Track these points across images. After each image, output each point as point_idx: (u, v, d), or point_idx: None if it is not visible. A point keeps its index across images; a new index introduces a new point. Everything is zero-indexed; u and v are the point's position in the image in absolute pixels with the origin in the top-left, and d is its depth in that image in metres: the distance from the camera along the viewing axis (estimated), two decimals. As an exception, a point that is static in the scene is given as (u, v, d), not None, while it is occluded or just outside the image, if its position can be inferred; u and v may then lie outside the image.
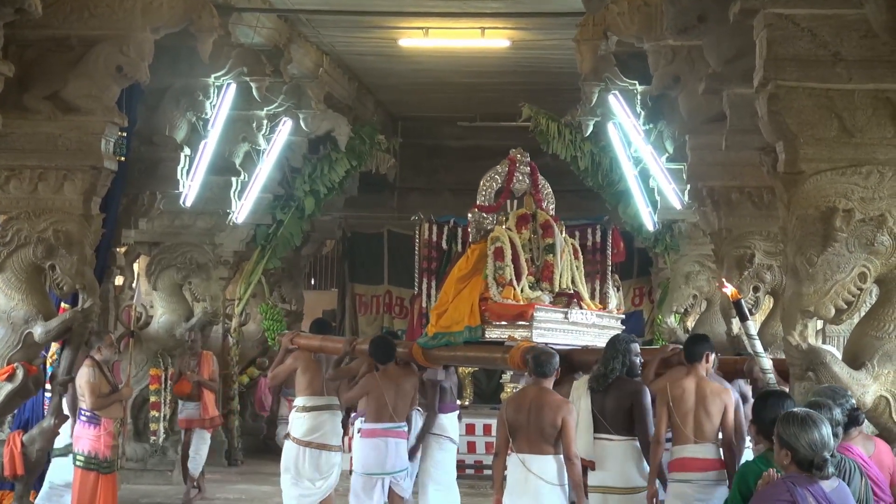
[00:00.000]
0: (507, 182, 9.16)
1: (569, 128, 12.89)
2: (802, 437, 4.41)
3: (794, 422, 4.45)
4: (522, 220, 8.90)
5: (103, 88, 8.67)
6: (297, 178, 13.49)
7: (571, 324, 8.48)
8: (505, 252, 8.54)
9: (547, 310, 8.39)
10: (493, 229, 8.85)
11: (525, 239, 8.79)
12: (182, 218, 12.11)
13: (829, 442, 4.43)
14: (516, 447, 7.19)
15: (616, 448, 7.28)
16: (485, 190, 9.24)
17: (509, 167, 9.22)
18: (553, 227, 8.84)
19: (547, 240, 8.79)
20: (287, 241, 13.67)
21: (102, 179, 8.76)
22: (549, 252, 8.76)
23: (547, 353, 7.37)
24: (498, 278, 8.47)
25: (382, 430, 8.72)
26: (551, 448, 7.12)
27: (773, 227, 9.19)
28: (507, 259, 8.53)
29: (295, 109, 12.58)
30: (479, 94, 15.40)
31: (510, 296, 8.41)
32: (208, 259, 12.33)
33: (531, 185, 9.21)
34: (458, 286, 8.67)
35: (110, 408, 9.00)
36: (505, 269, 8.49)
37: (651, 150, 11.46)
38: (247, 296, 13.82)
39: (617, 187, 12.97)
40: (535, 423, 7.11)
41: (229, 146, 11.86)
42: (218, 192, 11.96)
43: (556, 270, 8.70)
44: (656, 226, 12.57)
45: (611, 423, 7.28)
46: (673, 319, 12.52)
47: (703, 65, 8.86)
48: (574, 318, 8.50)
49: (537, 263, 8.79)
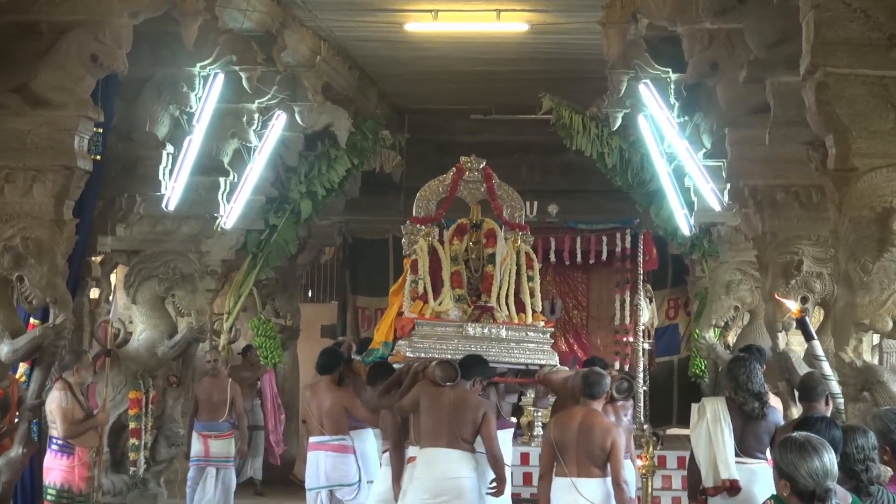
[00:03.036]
0: (450, 191, 9.69)
1: (594, 121, 12.89)
2: (802, 465, 4.32)
3: (792, 448, 4.36)
4: (459, 230, 9.57)
5: (76, 80, 8.69)
6: (293, 178, 13.51)
7: (469, 338, 9.07)
8: (420, 264, 9.26)
9: (433, 324, 9.09)
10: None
11: (459, 249, 9.42)
12: (164, 223, 12.12)
13: (832, 470, 4.32)
14: (565, 470, 7.61)
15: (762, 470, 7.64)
16: (422, 201, 9.72)
17: (454, 175, 9.75)
18: (496, 236, 9.38)
19: (488, 249, 9.37)
20: (281, 248, 13.68)
21: (76, 181, 8.77)
22: (489, 262, 9.35)
23: (597, 373, 7.87)
24: (411, 292, 9.24)
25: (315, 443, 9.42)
26: (599, 471, 7.60)
27: (822, 231, 9.18)
28: (422, 271, 9.23)
29: (289, 102, 12.61)
30: (495, 84, 15.39)
31: (417, 310, 9.12)
32: (194, 269, 12.33)
33: (487, 192, 9.68)
34: (391, 300, 9.62)
35: (85, 436, 9.01)
36: (418, 283, 9.22)
37: (686, 145, 11.45)
38: (237, 309, 13.83)
39: (648, 187, 12.96)
40: (584, 445, 7.58)
41: (217, 143, 11.88)
42: (204, 195, 11.97)
43: (495, 282, 9.24)
44: (693, 230, 12.55)
45: (756, 447, 7.66)
46: (712, 334, 12.50)
47: (743, 50, 8.86)
48: (473, 332, 9.08)
49: (477, 275, 9.41)
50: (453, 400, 8.25)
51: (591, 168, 13.85)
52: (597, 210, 16.26)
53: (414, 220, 9.71)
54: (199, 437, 11.51)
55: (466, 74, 14.87)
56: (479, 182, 9.77)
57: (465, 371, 8.42)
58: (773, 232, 9.76)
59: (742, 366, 7.68)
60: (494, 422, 8.29)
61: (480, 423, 8.19)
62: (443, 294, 9.26)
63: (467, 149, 17.30)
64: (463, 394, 8.32)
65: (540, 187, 16.99)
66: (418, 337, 9.11)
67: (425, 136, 17.45)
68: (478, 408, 8.24)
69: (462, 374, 8.38)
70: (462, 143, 17.41)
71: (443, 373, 8.35)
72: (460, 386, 8.36)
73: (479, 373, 8.51)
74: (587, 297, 16.19)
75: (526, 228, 9.67)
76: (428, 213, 9.73)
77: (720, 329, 12.59)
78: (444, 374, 8.35)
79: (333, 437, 9.36)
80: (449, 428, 8.19)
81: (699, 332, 13.00)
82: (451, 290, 9.30)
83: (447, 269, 9.36)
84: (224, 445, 11.60)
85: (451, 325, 9.15)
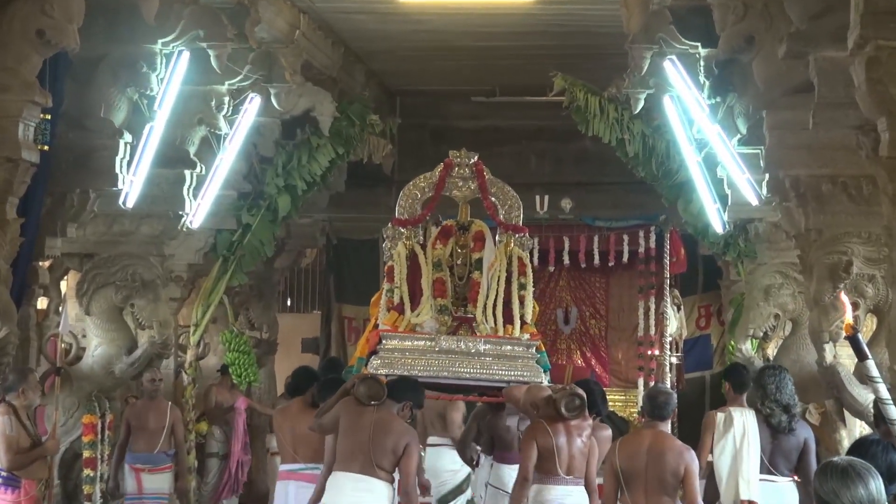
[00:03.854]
0: (436, 189, 9.80)
1: (613, 103, 12.90)
2: (844, 493, 4.32)
3: (833, 474, 4.36)
4: (444, 232, 9.73)
5: (21, 59, 8.70)
6: (269, 170, 13.53)
7: (442, 353, 9.23)
8: (396, 272, 9.48)
9: (402, 337, 9.28)
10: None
11: (443, 254, 9.60)
12: (122, 223, 12.14)
13: (879, 500, 4.32)
14: (631, 499, 7.86)
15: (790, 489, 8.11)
16: (406, 199, 9.85)
17: (441, 172, 9.85)
18: (484, 239, 9.53)
19: (475, 254, 9.53)
20: (256, 250, 13.70)
21: (20, 175, 8.79)
22: (477, 268, 9.52)
23: (664, 392, 8.25)
24: (386, 302, 9.50)
25: (287, 472, 9.64)
26: (670, 499, 7.86)
27: (875, 227, 9.18)
28: (398, 279, 9.46)
29: (264, 83, 12.62)
30: (499, 62, 15.42)
31: (392, 322, 9.35)
32: (156, 275, 12.34)
33: (478, 190, 9.78)
34: (372, 312, 9.89)
35: (32, 466, 9.02)
36: (394, 292, 9.45)
37: (719, 129, 11.45)
38: (205, 321, 13.84)
39: (675, 178, 12.97)
40: (655, 471, 7.82)
41: (182, 131, 11.87)
42: (168, 190, 11.97)
43: (482, 290, 9.40)
44: (726, 227, 12.56)
45: (784, 464, 8.25)
46: (749, 346, 12.49)
47: (783, 21, 8.86)
48: (446, 345, 9.24)
49: (462, 282, 9.60)
50: (375, 422, 8.33)
51: (609, 157, 13.86)
52: (617, 205, 16.31)
53: (396, 223, 9.81)
54: (131, 471, 11.51)
55: (466, 51, 14.88)
56: (469, 179, 9.86)
57: (393, 392, 8.52)
58: (819, 229, 9.76)
59: (772, 375, 7.82)
60: (417, 456, 8.43)
61: (402, 454, 8.28)
62: (422, 304, 9.41)
63: (468, 136, 17.48)
64: (387, 417, 8.39)
65: (552, 179, 17.08)
66: (384, 352, 9.26)
67: (420, 122, 17.50)
68: (401, 435, 8.31)
69: (390, 395, 8.47)
70: (462, 129, 17.52)
71: (367, 390, 8.42)
72: (386, 408, 8.43)
73: (410, 398, 8.61)
74: (606, 305, 16.26)
75: (524, 230, 9.74)
76: (412, 213, 9.83)
77: (758, 340, 12.58)
78: (369, 391, 8.41)
79: (307, 466, 9.41)
80: (366, 452, 8.27)
81: (734, 343, 12.99)
82: (433, 300, 9.44)
83: (427, 277, 9.49)
84: (160, 481, 11.59)
85: (420, 339, 9.29)
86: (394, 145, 16.11)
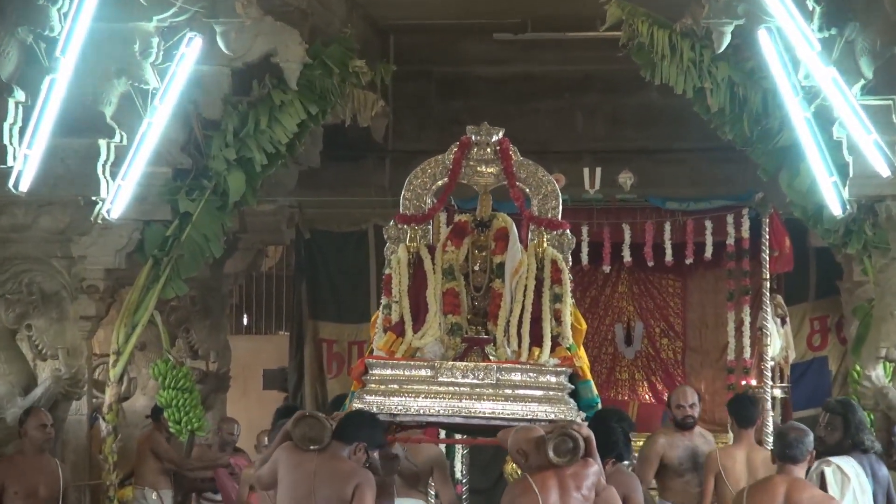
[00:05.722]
0: (451, 176, 9.97)
1: (689, 40, 12.87)
2: None
3: None
4: (458, 230, 9.96)
5: None
6: (215, 137, 13.48)
7: (442, 385, 9.41)
8: (394, 282, 9.76)
9: (394, 366, 9.47)
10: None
11: (456, 259, 9.81)
12: (13, 213, 12.16)
13: None
14: None
15: None
16: (413, 189, 10.03)
17: (456, 153, 9.98)
18: (507, 238, 9.69)
19: (497, 257, 9.69)
20: (199, 249, 13.65)
21: None
22: (499, 276, 9.71)
23: (796, 428, 8.61)
24: (383, 321, 9.81)
25: None
26: None
27: None
28: (397, 292, 9.74)
29: (207, 18, 12.60)
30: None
31: (388, 346, 9.60)
32: (61, 284, 12.37)
33: (504, 174, 9.87)
34: (373, 334, 10.04)
35: None
36: (391, 308, 9.75)
37: (835, 73, 11.43)
38: (130, 347, 13.81)
39: (776, 142, 12.93)
40: None
41: (94, 85, 11.88)
42: (76, 167, 12.00)
43: (504, 304, 9.61)
44: (847, 208, 12.52)
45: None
46: (881, 371, 12.46)
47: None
48: (449, 376, 9.41)
49: (480, 293, 9.83)
50: (317, 470, 8.58)
51: (682, 113, 13.84)
52: (695, 180, 16.31)
53: (400, 219, 9.90)
54: None
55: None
56: (492, 161, 9.92)
57: (343, 432, 8.68)
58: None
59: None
60: (371, 498, 8.60)
61: (351, 499, 8.45)
62: (427, 323, 9.58)
63: (489, 89, 17.49)
64: (333, 462, 8.59)
65: (605, 146, 17.09)
66: (371, 384, 9.46)
67: (422, 69, 17.51)
68: (348, 478, 8.54)
69: (337, 436, 8.64)
70: (480, 78, 17.56)
71: (304, 431, 8.61)
72: (331, 451, 8.62)
73: (365, 437, 8.76)
74: (683, 318, 16.22)
75: (562, 226, 9.78)
76: (420, 208, 9.91)
77: (894, 364, 12.56)
78: (306, 433, 8.61)
79: None
80: None
81: (861, 368, 12.97)
82: (443, 318, 9.61)
83: (434, 288, 9.65)
84: None
85: (416, 367, 9.45)
86: (387, 102, 16.08)
